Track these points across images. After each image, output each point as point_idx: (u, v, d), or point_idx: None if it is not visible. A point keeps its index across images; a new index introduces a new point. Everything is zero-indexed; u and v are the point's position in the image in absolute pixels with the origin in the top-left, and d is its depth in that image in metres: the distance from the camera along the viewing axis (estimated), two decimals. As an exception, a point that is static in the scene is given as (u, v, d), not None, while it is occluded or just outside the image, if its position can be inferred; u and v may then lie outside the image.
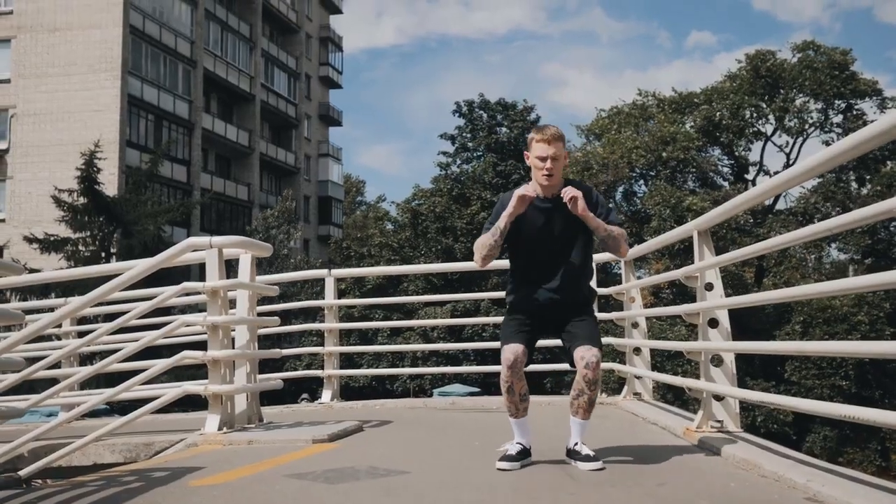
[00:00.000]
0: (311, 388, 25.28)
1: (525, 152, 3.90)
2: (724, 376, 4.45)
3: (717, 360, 4.51)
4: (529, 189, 3.78)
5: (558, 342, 4.02)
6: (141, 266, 5.19)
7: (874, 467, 24.84)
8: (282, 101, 46.04)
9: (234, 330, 5.54)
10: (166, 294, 5.37)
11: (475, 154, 36.12)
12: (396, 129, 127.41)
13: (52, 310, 6.91)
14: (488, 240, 3.82)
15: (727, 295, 4.63)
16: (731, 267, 25.19)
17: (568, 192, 3.71)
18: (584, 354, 3.70)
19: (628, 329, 6.75)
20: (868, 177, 31.54)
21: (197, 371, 17.58)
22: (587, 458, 3.67)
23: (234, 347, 5.45)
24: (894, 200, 2.44)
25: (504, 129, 36.02)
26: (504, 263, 4.18)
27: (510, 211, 3.75)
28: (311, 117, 49.80)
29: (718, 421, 4.44)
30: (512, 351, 3.74)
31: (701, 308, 4.52)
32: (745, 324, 24.23)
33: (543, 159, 3.76)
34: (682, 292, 26.88)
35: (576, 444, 3.78)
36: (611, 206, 3.82)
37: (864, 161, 30.32)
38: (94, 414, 7.62)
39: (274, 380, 6.37)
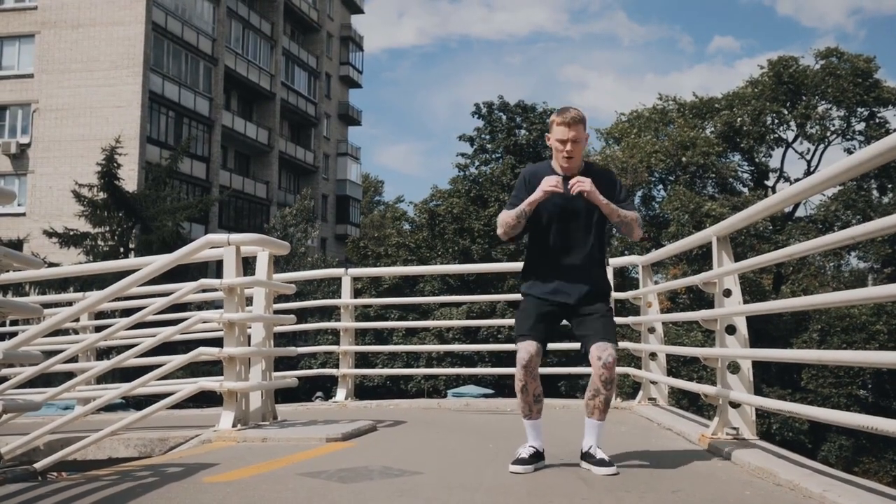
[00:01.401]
0: (326, 387, 25.34)
1: (546, 134, 3.96)
2: (741, 383, 4.42)
3: (733, 367, 4.47)
4: (554, 180, 3.79)
5: (574, 346, 4.00)
6: (159, 262, 5.22)
7: (890, 477, 24.62)
8: (302, 99, 46.19)
9: (250, 327, 5.55)
10: (184, 290, 5.39)
11: (493, 156, 36.07)
12: (416, 130, 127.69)
13: (70, 304, 6.97)
14: (512, 220, 3.88)
15: (745, 302, 4.59)
16: (748, 273, 25.00)
17: (576, 186, 3.75)
18: (601, 354, 3.71)
19: (644, 334, 6.72)
20: (890, 185, 31.26)
21: (212, 368, 17.65)
22: (601, 463, 3.66)
23: (249, 345, 5.47)
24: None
25: (523, 132, 35.93)
26: (518, 266, 4.19)
27: (535, 198, 3.80)
28: (330, 116, 49.94)
29: (734, 428, 4.41)
30: (526, 350, 3.75)
31: (719, 314, 4.49)
32: (761, 331, 24.07)
33: (563, 142, 3.81)
34: (699, 297, 26.73)
35: (590, 447, 3.76)
36: (630, 192, 3.96)
37: (886, 169, 30.04)
38: (109, 408, 7.67)
39: (289, 378, 6.39)
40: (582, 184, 3.74)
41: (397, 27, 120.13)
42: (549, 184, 3.77)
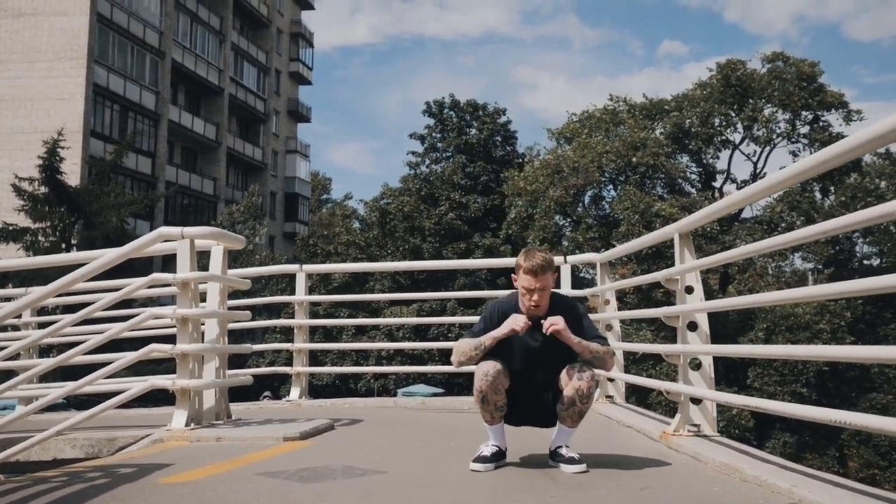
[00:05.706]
0: (273, 386, 25.04)
1: (513, 275, 3.80)
2: (703, 380, 4.42)
3: (695, 364, 4.47)
4: (522, 322, 3.66)
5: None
6: (109, 255, 5.02)
7: (832, 473, 25.20)
8: (250, 95, 45.60)
9: (203, 323, 5.39)
10: (134, 285, 5.21)
11: (444, 154, 36.06)
12: (368, 128, 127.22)
13: (10, 300, 6.71)
14: (471, 351, 3.73)
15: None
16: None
17: (549, 325, 3.63)
18: (576, 369, 3.65)
19: (602, 331, 6.70)
20: (832, 188, 31.98)
21: (158, 366, 17.26)
22: (571, 461, 3.61)
23: (203, 341, 5.31)
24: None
25: (473, 131, 35.99)
26: (469, 263, 4.10)
27: (499, 335, 3.68)
28: (279, 113, 49.40)
29: (695, 424, 4.40)
30: (493, 366, 3.65)
31: (681, 311, 4.47)
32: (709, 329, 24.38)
33: (530, 291, 3.68)
34: (647, 297, 27.01)
35: (559, 446, 3.71)
36: (593, 323, 3.78)
37: (828, 173, 30.70)
38: (52, 409, 7.41)
39: (243, 376, 6.24)
40: (555, 325, 3.61)
41: (350, 25, 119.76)
42: (517, 325, 3.65)
